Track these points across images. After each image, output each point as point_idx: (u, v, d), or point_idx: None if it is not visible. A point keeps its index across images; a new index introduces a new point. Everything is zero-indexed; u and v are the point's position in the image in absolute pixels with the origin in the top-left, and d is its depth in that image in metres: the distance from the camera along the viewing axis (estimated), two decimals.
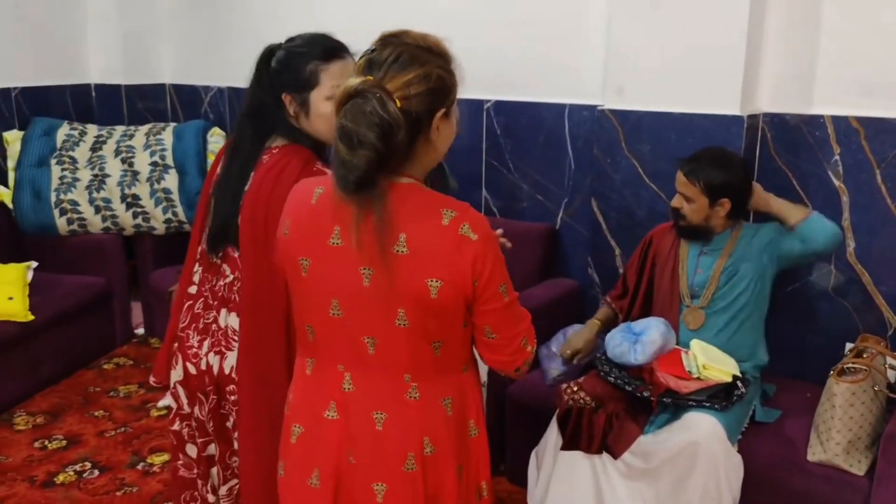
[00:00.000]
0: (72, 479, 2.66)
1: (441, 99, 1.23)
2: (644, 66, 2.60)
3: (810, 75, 2.50)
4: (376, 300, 1.23)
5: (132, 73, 4.26)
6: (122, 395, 3.28)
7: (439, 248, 1.21)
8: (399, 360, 1.27)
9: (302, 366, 1.38)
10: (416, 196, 1.24)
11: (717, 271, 2.26)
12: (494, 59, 3.18)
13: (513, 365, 1.33)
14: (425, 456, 1.29)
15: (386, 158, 1.16)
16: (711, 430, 1.97)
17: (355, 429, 1.30)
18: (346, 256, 1.23)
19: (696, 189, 2.20)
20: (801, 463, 2.05)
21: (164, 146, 3.81)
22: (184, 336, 1.77)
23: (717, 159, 2.22)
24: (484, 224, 1.24)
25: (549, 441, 2.25)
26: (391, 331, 1.25)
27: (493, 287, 1.25)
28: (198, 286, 1.77)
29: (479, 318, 1.27)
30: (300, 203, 1.31)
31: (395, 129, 1.15)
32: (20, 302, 3.11)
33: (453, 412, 1.32)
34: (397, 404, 1.29)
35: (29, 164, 3.67)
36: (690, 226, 2.26)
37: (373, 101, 1.14)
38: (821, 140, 2.47)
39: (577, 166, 3.04)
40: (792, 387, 2.47)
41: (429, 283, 1.21)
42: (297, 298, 1.33)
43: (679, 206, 2.26)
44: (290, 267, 1.31)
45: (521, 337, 1.32)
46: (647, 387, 2.08)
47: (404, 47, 1.21)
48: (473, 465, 1.38)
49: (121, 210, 3.67)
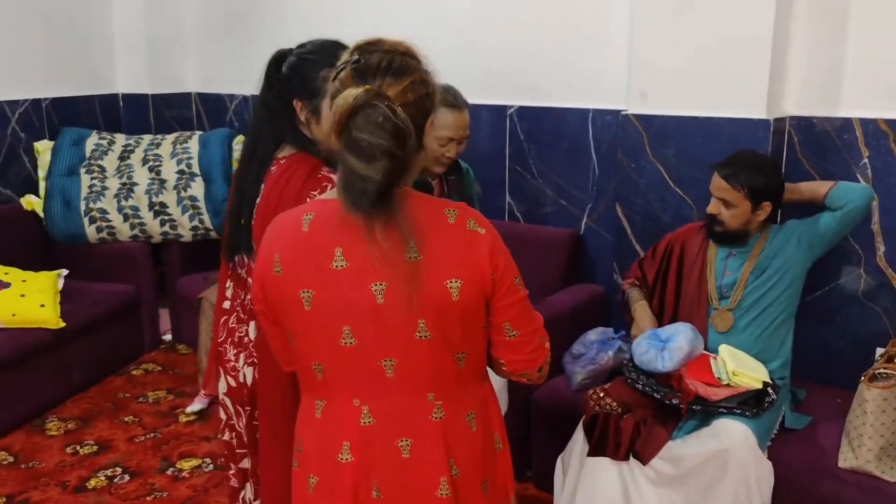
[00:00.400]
0: (103, 484, 2.70)
1: (431, 103, 1.22)
2: (668, 70, 2.60)
3: (837, 78, 2.48)
4: (393, 315, 1.18)
5: (158, 83, 4.33)
6: (150, 400, 3.33)
7: (453, 247, 1.19)
8: (421, 379, 1.22)
9: (310, 409, 1.29)
10: (415, 200, 1.21)
11: (745, 273, 2.25)
12: (517, 64, 3.19)
13: (535, 364, 1.30)
14: (453, 478, 1.25)
15: (404, 167, 1.14)
16: (742, 437, 1.95)
17: (378, 463, 1.24)
18: (353, 277, 1.17)
19: (739, 194, 2.17)
20: (833, 469, 2.03)
21: (190, 154, 3.86)
22: (222, 350, 1.79)
23: (755, 163, 2.21)
24: (486, 220, 1.24)
25: (575, 447, 2.24)
26: (412, 346, 1.20)
27: (509, 278, 1.23)
28: (230, 301, 1.80)
29: (498, 314, 1.24)
30: (287, 234, 1.23)
31: (408, 136, 1.12)
32: (52, 309, 3.17)
33: (477, 427, 1.29)
34: (423, 427, 1.24)
35: (59, 174, 3.73)
36: (727, 232, 2.24)
37: (383, 108, 1.11)
38: (849, 143, 2.44)
39: (601, 171, 3.04)
40: (821, 392, 2.44)
41: (448, 284, 1.17)
42: (299, 339, 1.25)
43: (717, 213, 2.23)
44: (289, 305, 1.23)
45: (540, 334, 1.30)
46: (676, 394, 2.07)
47: (391, 54, 1.18)
48: (500, 479, 1.35)
49: (149, 218, 3.72)
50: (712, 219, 2.25)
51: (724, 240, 2.28)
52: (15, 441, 2.98)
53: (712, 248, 2.33)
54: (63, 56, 3.97)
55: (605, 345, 2.50)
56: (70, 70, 4.02)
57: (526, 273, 1.22)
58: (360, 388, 1.23)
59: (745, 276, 2.24)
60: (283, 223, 1.25)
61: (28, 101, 3.79)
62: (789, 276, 2.24)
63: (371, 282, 1.17)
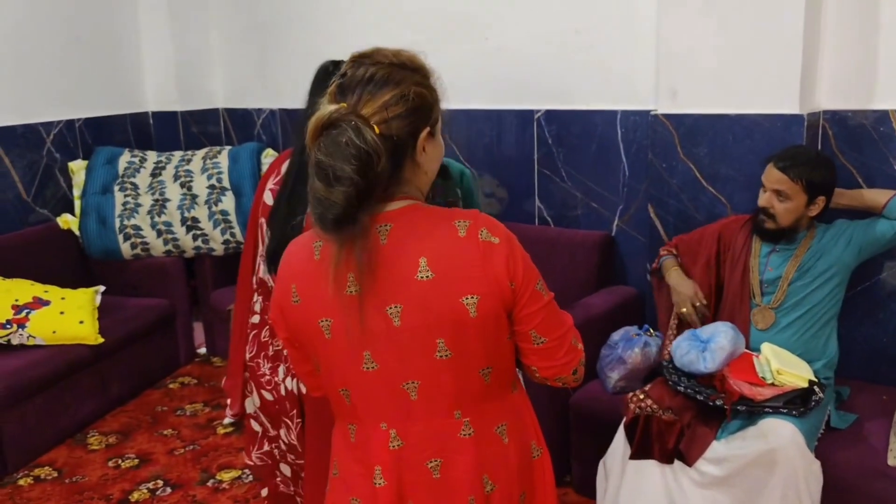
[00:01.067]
0: (146, 497, 2.72)
1: (424, 118, 1.16)
2: (697, 68, 2.57)
3: (871, 70, 2.44)
4: (411, 338, 1.15)
5: (187, 100, 4.39)
6: (188, 413, 3.36)
7: (465, 261, 1.14)
8: (445, 399, 1.19)
9: (345, 434, 1.28)
10: (422, 215, 1.17)
11: (789, 271, 2.21)
12: (543, 68, 3.19)
13: (569, 368, 1.25)
14: (487, 495, 1.23)
15: (366, 193, 1.08)
16: (790, 438, 1.92)
17: (410, 485, 1.22)
18: (368, 301, 1.15)
19: (798, 187, 2.14)
20: (882, 468, 1.99)
21: (220, 169, 3.90)
22: (254, 366, 1.78)
23: (814, 157, 2.20)
24: (500, 226, 1.18)
25: (616, 450, 2.22)
26: (433, 367, 1.17)
27: (530, 286, 1.18)
28: (260, 315, 1.78)
29: (523, 323, 1.20)
30: (301, 264, 1.21)
31: (374, 160, 1.07)
32: (90, 325, 3.21)
33: (510, 439, 1.25)
34: (452, 446, 1.21)
35: (93, 192, 3.80)
36: (779, 228, 2.20)
37: (348, 131, 1.06)
38: (885, 135, 2.40)
39: (631, 173, 3.02)
40: (866, 389, 2.40)
41: (464, 301, 1.13)
42: (324, 366, 1.24)
43: (769, 206, 2.19)
44: (310, 334, 1.21)
45: (571, 336, 1.25)
46: (720, 395, 2.04)
47: (377, 66, 1.13)
48: (539, 490, 1.31)
49: (181, 233, 3.77)
50: (763, 212, 2.21)
51: (772, 236, 2.23)
52: (58, 456, 3.02)
53: (756, 242, 2.30)
54: (94, 76, 4.05)
55: (630, 342, 2.48)
56: (101, 90, 4.10)
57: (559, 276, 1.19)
58: (385, 412, 1.21)
59: (790, 274, 2.21)
60: (295, 253, 1.23)
61: (62, 122, 3.87)
62: (837, 277, 2.21)
63: (386, 305, 1.15)
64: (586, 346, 1.32)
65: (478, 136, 3.42)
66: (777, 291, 2.22)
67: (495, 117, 3.35)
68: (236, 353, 1.86)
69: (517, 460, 1.26)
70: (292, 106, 4.09)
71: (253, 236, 1.80)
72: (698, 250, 2.43)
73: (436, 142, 1.22)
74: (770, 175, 2.19)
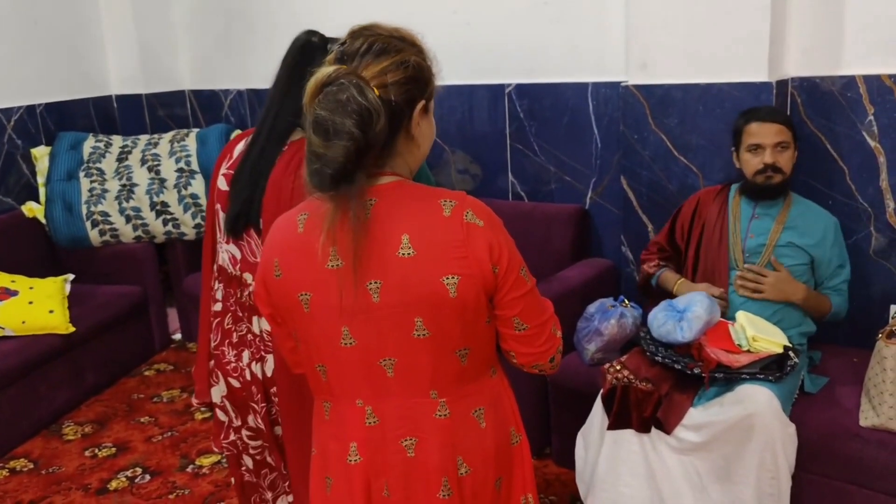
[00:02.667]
0: (124, 485, 2.70)
1: (421, 89, 1.16)
2: (667, 39, 2.57)
3: (838, 36, 2.45)
4: (390, 315, 1.15)
5: (152, 82, 4.30)
6: (165, 400, 3.33)
7: (448, 241, 1.13)
8: (422, 377, 1.19)
9: (320, 411, 1.29)
10: (408, 192, 1.16)
11: (772, 239, 2.24)
12: (513, 42, 3.17)
13: (547, 355, 1.25)
14: (460, 478, 1.22)
15: (365, 150, 1.07)
16: (767, 403, 1.94)
17: (385, 463, 1.22)
18: (350, 275, 1.14)
19: (791, 133, 2.23)
20: (854, 429, 2.03)
21: (188, 152, 3.83)
22: (219, 353, 1.76)
23: (774, 107, 2.29)
24: (486, 209, 1.18)
25: (594, 422, 2.24)
26: (410, 345, 1.16)
27: (514, 272, 1.17)
28: (222, 302, 1.75)
29: (506, 308, 1.19)
30: (284, 238, 1.21)
31: (374, 117, 1.07)
32: (60, 315, 3.16)
33: (487, 423, 1.24)
34: (427, 426, 1.21)
35: (58, 179, 3.72)
36: (785, 180, 2.26)
37: (350, 88, 1.06)
38: (853, 101, 2.42)
39: (603, 145, 3.02)
40: (836, 353, 2.44)
41: (444, 281, 1.13)
42: (303, 341, 1.24)
43: (776, 161, 2.22)
44: (291, 308, 1.21)
45: (551, 324, 1.25)
46: (697, 363, 2.06)
47: (376, 37, 1.14)
48: (518, 477, 1.31)
49: (151, 218, 3.71)
50: (772, 169, 2.23)
51: (780, 191, 2.27)
52: (33, 447, 2.98)
53: (735, 209, 2.32)
54: (54, 60, 3.94)
55: (606, 313, 2.49)
56: (62, 74, 3.99)
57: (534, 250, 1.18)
58: (362, 388, 1.21)
59: (773, 243, 2.24)
60: (280, 227, 1.23)
61: (22, 107, 3.76)
62: (811, 256, 2.26)
63: (366, 280, 1.14)
64: (563, 318, 1.31)
65: (449, 112, 3.40)
66: (762, 256, 2.25)
67: (466, 92, 3.33)
68: (202, 342, 1.84)
69: (494, 445, 1.26)
70: (261, 86, 4.02)
71: (211, 224, 1.77)
72: (678, 233, 2.46)
73: (430, 119, 1.22)
74: (763, 131, 2.22)
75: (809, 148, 2.51)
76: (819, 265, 2.29)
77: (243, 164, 1.65)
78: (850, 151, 2.45)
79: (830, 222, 2.31)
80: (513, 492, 1.31)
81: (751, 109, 2.30)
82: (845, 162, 2.47)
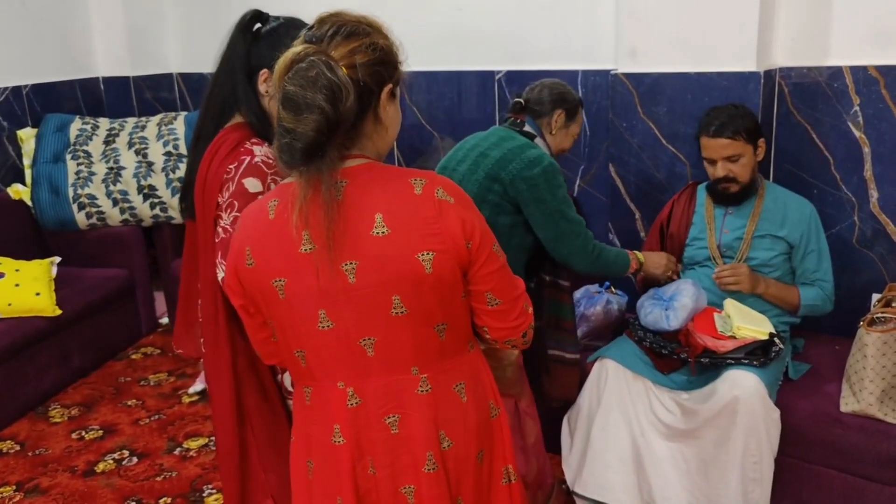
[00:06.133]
0: (112, 468, 2.70)
1: (389, 72, 1.18)
2: (657, 27, 2.58)
3: (826, 27, 2.47)
4: (367, 295, 1.16)
5: (139, 64, 4.26)
6: (152, 383, 3.33)
7: (422, 218, 1.14)
8: (403, 354, 1.20)
9: (300, 397, 1.29)
10: (379, 173, 1.17)
11: (749, 232, 2.24)
12: (503, 28, 3.17)
13: (520, 330, 1.27)
14: (443, 451, 1.24)
15: (335, 125, 1.09)
16: (753, 388, 1.97)
17: (370, 442, 1.23)
18: (324, 258, 1.14)
19: (741, 141, 2.16)
20: (835, 415, 2.07)
21: (176, 135, 3.81)
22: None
23: (732, 109, 2.22)
24: (456, 187, 1.20)
25: (581, 406, 2.27)
26: (389, 323, 1.17)
27: (487, 247, 1.20)
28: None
29: (479, 283, 1.21)
30: (255, 225, 1.20)
31: (344, 93, 1.08)
32: (47, 297, 3.15)
33: (468, 398, 1.27)
34: (410, 402, 1.22)
35: (44, 161, 3.69)
36: (744, 187, 2.22)
37: (319, 65, 1.08)
38: (839, 92, 2.45)
39: (592, 133, 3.03)
40: (818, 340, 2.48)
41: (420, 257, 1.14)
42: (279, 328, 1.24)
43: (728, 173, 2.19)
44: (265, 296, 1.20)
45: (522, 300, 1.28)
46: (684, 349, 2.09)
47: (344, 22, 1.15)
48: (498, 449, 1.33)
49: (138, 201, 3.69)
50: (725, 180, 2.21)
51: (740, 197, 2.24)
52: (20, 430, 2.98)
53: (710, 206, 2.34)
54: (41, 41, 3.90)
55: (592, 299, 2.52)
56: (49, 55, 3.95)
57: None
58: (342, 370, 1.22)
59: (749, 236, 2.25)
60: (250, 214, 1.22)
61: (8, 88, 3.72)
62: (788, 244, 2.26)
63: (342, 262, 1.14)
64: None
65: (438, 98, 3.40)
66: (740, 250, 2.26)
67: (456, 79, 3.33)
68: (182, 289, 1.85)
69: (476, 419, 1.28)
70: None
71: None
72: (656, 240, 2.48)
73: (396, 105, 1.23)
74: (712, 146, 2.19)
75: (795, 138, 2.54)
76: (795, 251, 2.26)
77: (191, 144, 1.66)
78: (836, 142, 2.48)
79: (806, 208, 2.29)
80: (494, 464, 1.33)
81: (706, 117, 2.23)
82: (830, 152, 2.50)
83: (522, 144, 2.06)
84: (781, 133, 2.57)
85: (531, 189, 2.00)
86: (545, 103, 2.19)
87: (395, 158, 3.63)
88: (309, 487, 1.30)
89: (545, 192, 2.01)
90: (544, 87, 2.21)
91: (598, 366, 2.24)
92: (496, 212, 2.02)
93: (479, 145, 2.11)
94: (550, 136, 2.22)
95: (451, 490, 1.26)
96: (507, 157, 2.02)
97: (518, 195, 2.01)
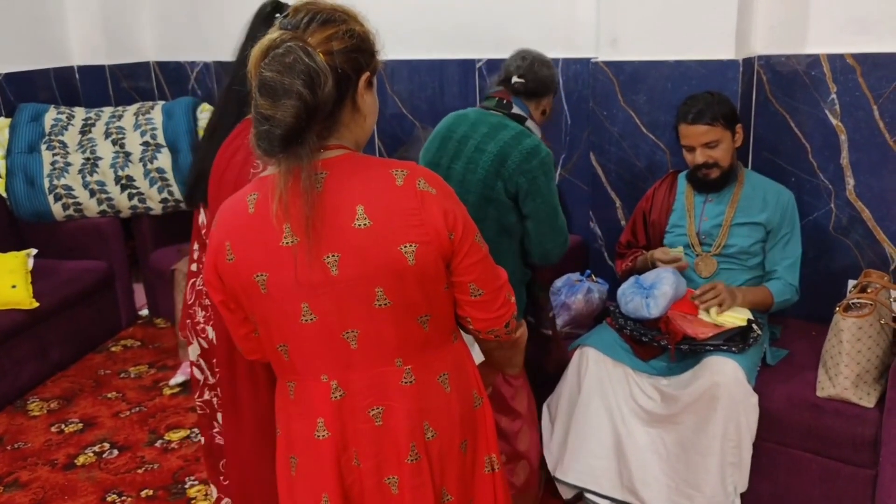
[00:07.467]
0: (92, 461, 2.68)
1: (366, 59, 1.16)
2: (637, 15, 2.58)
3: (804, 15, 2.49)
4: (350, 287, 1.15)
5: (115, 53, 4.20)
6: (132, 375, 3.30)
7: (403, 209, 1.14)
8: (386, 346, 1.20)
9: (284, 391, 1.29)
10: (359, 164, 1.16)
11: (727, 219, 2.26)
12: (484, 16, 3.16)
13: (503, 320, 1.28)
14: (427, 442, 1.25)
15: (314, 111, 1.07)
16: (732, 374, 1.99)
17: (354, 434, 1.23)
18: (306, 251, 1.13)
19: (719, 127, 2.17)
20: (812, 399, 2.09)
21: (154, 125, 3.77)
22: (192, 313, 1.79)
23: (708, 96, 2.23)
24: (437, 178, 1.19)
25: (562, 393, 2.28)
26: (372, 315, 1.17)
27: (469, 238, 1.20)
28: (198, 263, 1.79)
29: (462, 274, 1.21)
30: (234, 220, 1.19)
31: (322, 79, 1.07)
32: (24, 289, 3.11)
33: (452, 388, 1.27)
34: (394, 394, 1.22)
35: (19, 151, 3.63)
36: (724, 171, 2.23)
37: (297, 50, 1.07)
38: (817, 80, 2.47)
39: (573, 121, 3.03)
40: (795, 326, 2.51)
41: (402, 249, 1.13)
42: (262, 323, 1.23)
43: (708, 159, 2.20)
44: (246, 290, 1.19)
45: (505, 290, 1.28)
46: (664, 335, 2.11)
47: (319, 9, 1.14)
48: (482, 438, 1.34)
49: (116, 192, 3.65)
50: (705, 167, 2.22)
51: (720, 182, 2.25)
52: None
53: (689, 195, 2.35)
54: (14, 28, 3.83)
55: (573, 288, 2.53)
56: (22, 43, 3.88)
57: None
58: (326, 363, 1.21)
59: (728, 223, 2.26)
60: (230, 209, 1.21)
61: None
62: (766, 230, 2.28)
63: (323, 254, 1.13)
64: None
65: (420, 87, 3.38)
66: (718, 237, 2.28)
67: (437, 67, 3.32)
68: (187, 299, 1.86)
69: (459, 409, 1.29)
70: (228, 58, 3.93)
71: None
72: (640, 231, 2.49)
73: (373, 94, 1.22)
74: (691, 133, 2.20)
75: (773, 125, 2.55)
76: (771, 235, 2.28)
77: (206, 133, 1.67)
78: (813, 129, 2.50)
79: (784, 195, 2.30)
80: (477, 453, 1.34)
81: (683, 105, 2.25)
82: (808, 140, 2.52)
83: (517, 133, 1.96)
84: (760, 121, 2.59)
85: (530, 182, 1.92)
86: (542, 84, 2.07)
87: (375, 148, 3.61)
88: (292, 485, 1.30)
89: (543, 186, 1.94)
90: (535, 62, 2.07)
91: (578, 353, 2.25)
92: (504, 211, 1.95)
93: (470, 136, 1.99)
94: (538, 117, 2.11)
95: (435, 480, 1.26)
96: (505, 150, 1.93)
97: (517, 188, 1.93)
